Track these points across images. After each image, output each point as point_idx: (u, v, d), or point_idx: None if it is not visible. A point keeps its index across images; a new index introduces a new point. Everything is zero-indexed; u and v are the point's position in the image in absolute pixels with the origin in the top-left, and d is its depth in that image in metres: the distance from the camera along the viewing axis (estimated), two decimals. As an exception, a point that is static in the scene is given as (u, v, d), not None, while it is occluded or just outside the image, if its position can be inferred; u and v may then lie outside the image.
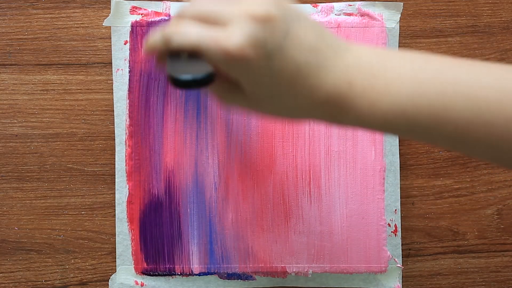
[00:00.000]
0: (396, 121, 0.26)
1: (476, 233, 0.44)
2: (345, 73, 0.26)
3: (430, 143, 0.42)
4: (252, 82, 0.27)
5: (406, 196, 0.44)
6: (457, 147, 0.27)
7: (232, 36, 0.25)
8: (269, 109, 0.29)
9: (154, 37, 0.28)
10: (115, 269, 0.43)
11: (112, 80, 0.43)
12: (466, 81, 0.25)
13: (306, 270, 0.42)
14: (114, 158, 0.43)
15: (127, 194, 0.42)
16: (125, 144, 0.42)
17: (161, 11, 0.42)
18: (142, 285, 0.43)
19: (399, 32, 0.43)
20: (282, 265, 0.43)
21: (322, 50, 0.26)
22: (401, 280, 0.43)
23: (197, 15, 0.27)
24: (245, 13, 0.25)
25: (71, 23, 0.44)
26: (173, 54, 0.27)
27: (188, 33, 0.26)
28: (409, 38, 0.44)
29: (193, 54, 0.26)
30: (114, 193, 0.43)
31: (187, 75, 0.26)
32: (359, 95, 0.26)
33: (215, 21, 0.26)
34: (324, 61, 0.26)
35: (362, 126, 0.27)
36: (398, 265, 0.43)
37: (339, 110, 0.27)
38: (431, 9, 0.44)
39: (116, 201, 0.42)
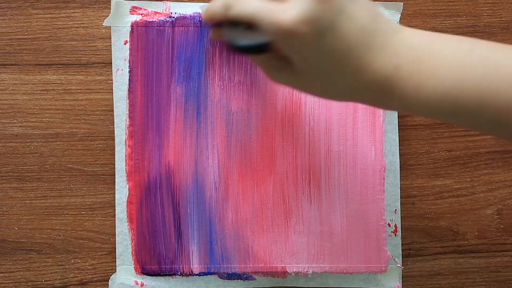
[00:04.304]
0: (440, 104, 0.26)
1: (476, 233, 0.44)
2: (392, 57, 0.27)
3: (472, 128, 0.42)
4: (303, 59, 0.27)
5: (406, 196, 0.44)
6: (499, 132, 0.27)
7: (287, 11, 0.26)
8: (316, 88, 0.29)
9: (215, 5, 0.30)
10: (115, 269, 0.43)
11: (112, 80, 0.43)
12: (511, 65, 0.25)
13: (306, 270, 0.42)
14: (114, 158, 0.43)
15: (127, 194, 0.42)
16: (125, 144, 0.42)
17: (161, 11, 0.42)
18: (142, 285, 0.43)
19: (399, 32, 0.43)
20: (282, 265, 0.43)
21: (373, 32, 0.27)
22: (401, 280, 0.43)
23: None
24: None
25: (71, 23, 0.44)
26: (231, 23, 0.30)
27: (246, 4, 0.27)
28: (409, 38, 0.44)
29: (250, 25, 0.28)
30: (114, 193, 0.43)
31: (243, 41, 0.29)
32: (405, 78, 0.26)
33: None
34: (374, 43, 0.27)
35: (406, 110, 0.28)
36: (398, 265, 0.43)
37: (384, 93, 0.27)
38: (431, 9, 0.44)
39: (116, 201, 0.42)
